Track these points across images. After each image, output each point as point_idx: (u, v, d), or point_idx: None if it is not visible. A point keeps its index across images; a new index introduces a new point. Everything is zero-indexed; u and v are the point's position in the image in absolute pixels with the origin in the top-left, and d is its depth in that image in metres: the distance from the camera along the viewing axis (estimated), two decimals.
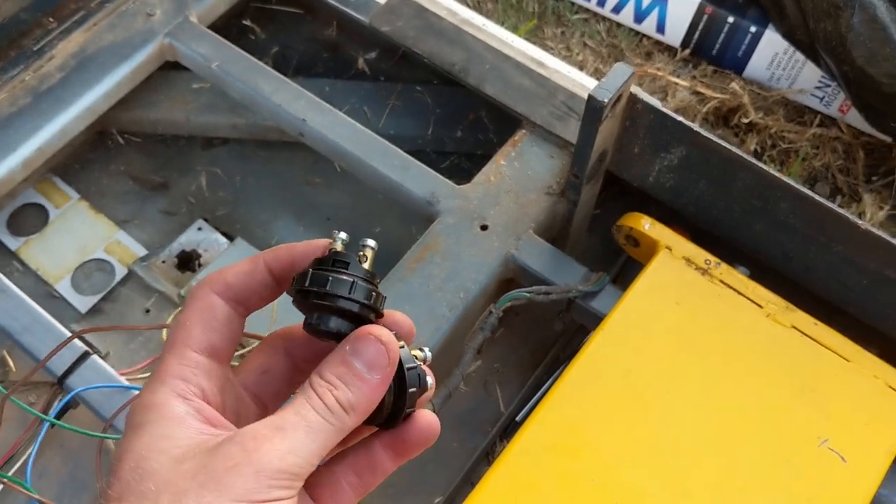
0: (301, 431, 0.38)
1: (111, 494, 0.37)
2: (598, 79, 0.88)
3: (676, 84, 1.29)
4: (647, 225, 0.84)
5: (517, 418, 0.92)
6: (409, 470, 0.87)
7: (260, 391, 0.45)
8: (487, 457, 0.91)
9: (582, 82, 1.00)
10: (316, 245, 0.43)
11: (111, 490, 0.37)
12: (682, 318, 0.78)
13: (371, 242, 0.43)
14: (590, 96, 0.76)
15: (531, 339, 0.97)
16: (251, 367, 0.45)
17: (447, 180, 0.93)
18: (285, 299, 0.44)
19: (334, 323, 0.41)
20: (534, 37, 1.37)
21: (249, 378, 0.45)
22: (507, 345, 0.96)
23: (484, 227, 0.90)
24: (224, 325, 0.43)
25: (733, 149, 0.80)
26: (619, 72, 0.77)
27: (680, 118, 0.81)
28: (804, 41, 1.24)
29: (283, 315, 0.88)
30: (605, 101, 0.76)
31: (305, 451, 0.38)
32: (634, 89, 0.82)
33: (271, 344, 0.46)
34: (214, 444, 0.37)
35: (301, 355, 0.46)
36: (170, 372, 0.40)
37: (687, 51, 1.34)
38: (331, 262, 0.41)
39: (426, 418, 0.43)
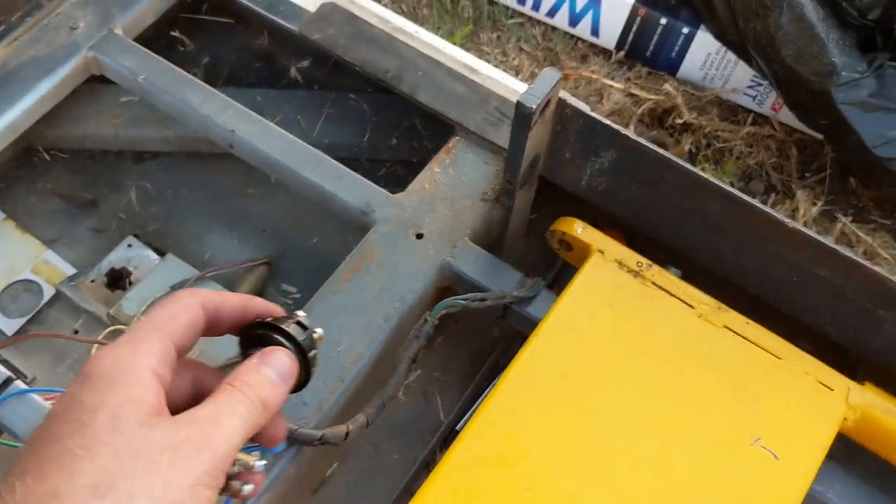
0: (236, 418, 0.45)
1: (79, 442, 0.39)
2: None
3: (611, 86, 1.30)
4: (579, 229, 0.84)
5: (457, 427, 0.91)
6: (349, 482, 0.87)
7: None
8: (428, 467, 0.90)
9: (514, 88, 0.99)
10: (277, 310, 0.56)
11: (78, 438, 0.39)
12: (616, 321, 0.78)
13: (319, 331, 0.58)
14: (518, 102, 0.76)
15: (470, 347, 0.96)
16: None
17: (381, 189, 0.92)
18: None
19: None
20: (469, 42, 1.37)
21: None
22: (446, 353, 0.96)
23: (419, 236, 0.90)
24: (195, 337, 0.50)
25: (662, 151, 0.80)
26: (547, 77, 0.77)
27: (608, 122, 0.81)
28: (735, 41, 1.25)
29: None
30: (534, 107, 0.76)
31: (240, 435, 0.45)
32: (563, 94, 0.82)
33: (185, 365, 0.53)
34: (174, 422, 0.43)
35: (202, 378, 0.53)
36: (152, 348, 0.46)
37: (622, 53, 1.35)
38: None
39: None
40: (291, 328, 0.55)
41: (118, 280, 0.98)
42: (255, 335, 0.55)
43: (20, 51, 1.00)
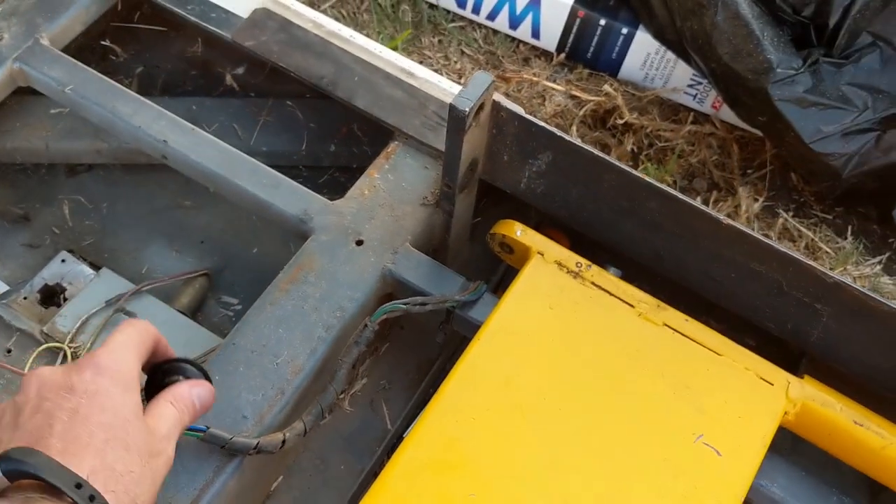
0: (174, 419, 0.63)
1: (104, 423, 0.56)
2: None
3: (553, 89, 1.30)
4: (518, 231, 0.83)
5: (403, 434, 0.90)
6: (295, 497, 0.85)
7: None
8: (376, 476, 0.88)
9: (453, 91, 0.99)
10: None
11: (102, 431, 0.55)
12: (557, 323, 0.78)
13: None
14: (451, 106, 0.75)
15: (417, 354, 0.95)
16: None
17: (319, 196, 0.91)
18: None
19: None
20: (411, 46, 1.36)
21: None
22: (392, 361, 0.95)
23: (359, 243, 0.88)
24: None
25: (597, 152, 0.80)
26: (479, 80, 0.76)
27: (543, 124, 0.81)
28: (674, 40, 1.26)
29: None
30: (467, 110, 0.75)
31: (178, 429, 0.64)
32: (498, 97, 0.81)
33: None
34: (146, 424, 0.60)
35: None
36: (138, 368, 0.62)
37: (562, 55, 1.35)
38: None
39: None
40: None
41: (52, 296, 0.95)
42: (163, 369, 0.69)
43: None
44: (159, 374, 0.68)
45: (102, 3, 1.07)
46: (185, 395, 0.65)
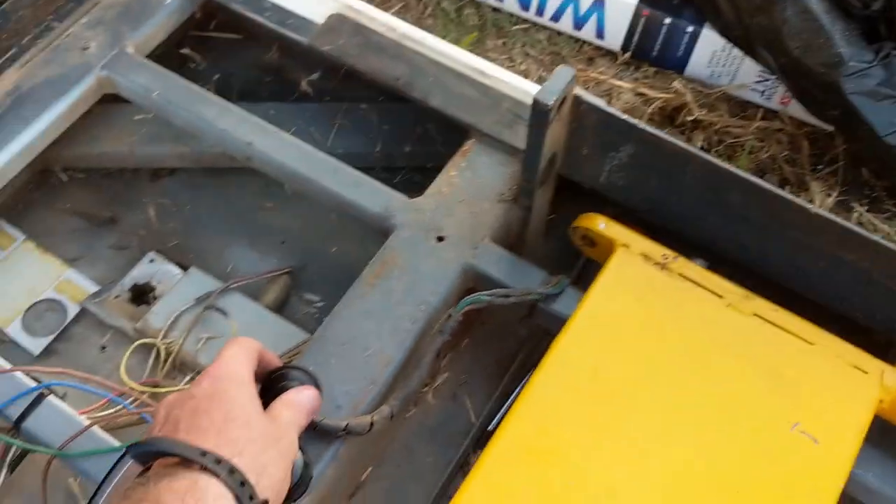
0: (291, 420, 0.66)
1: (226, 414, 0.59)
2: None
3: (620, 87, 1.30)
4: (601, 224, 0.84)
5: (489, 428, 0.91)
6: (386, 488, 0.86)
7: None
8: (462, 469, 0.90)
9: (525, 88, 1.00)
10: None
11: (221, 415, 0.59)
12: (644, 315, 0.78)
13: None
14: (535, 100, 0.77)
15: (497, 349, 0.96)
16: None
17: (400, 194, 0.93)
18: None
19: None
20: (475, 49, 1.37)
21: None
22: (473, 354, 0.96)
23: (440, 239, 0.90)
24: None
25: (680, 143, 0.80)
26: (562, 74, 0.77)
27: (625, 116, 0.81)
28: (740, 37, 1.26)
29: None
30: (550, 103, 0.76)
31: (295, 428, 0.66)
32: (579, 91, 0.82)
33: None
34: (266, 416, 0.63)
35: None
36: (251, 373, 0.65)
37: (627, 54, 1.36)
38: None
39: None
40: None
41: (142, 295, 0.98)
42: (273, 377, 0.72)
43: (33, 73, 1.01)
44: (270, 383, 0.70)
45: (182, 11, 1.10)
46: (298, 399, 0.68)
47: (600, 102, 0.84)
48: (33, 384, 0.76)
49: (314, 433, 0.73)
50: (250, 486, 0.54)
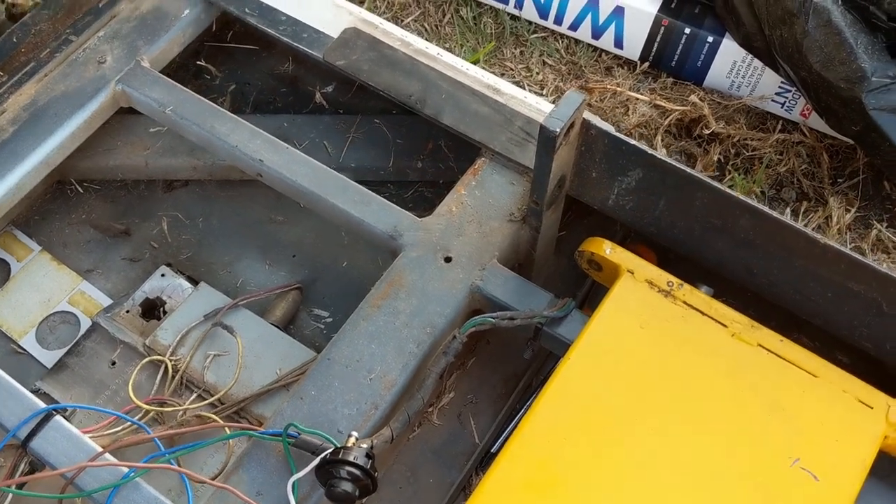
0: None
1: None
2: (559, 97, 0.88)
3: (637, 99, 1.29)
4: (608, 249, 0.83)
5: (492, 450, 0.91)
6: None
7: None
8: (464, 491, 0.90)
9: (539, 107, 0.99)
10: None
11: None
12: (648, 342, 0.78)
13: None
14: (542, 126, 0.76)
15: (503, 369, 0.96)
16: None
17: (409, 213, 0.93)
18: None
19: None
20: (493, 58, 1.37)
21: None
22: (479, 375, 0.96)
23: (448, 259, 0.90)
24: None
25: (688, 169, 0.80)
26: (571, 100, 0.77)
27: (633, 142, 0.81)
28: (761, 48, 1.24)
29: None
30: (558, 130, 0.76)
31: None
32: (588, 115, 0.82)
33: None
34: None
35: None
36: None
37: (646, 64, 1.34)
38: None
39: None
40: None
41: (152, 309, 1.00)
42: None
43: (50, 87, 1.02)
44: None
45: (198, 24, 1.11)
46: None
47: (609, 127, 0.83)
48: (41, 404, 0.77)
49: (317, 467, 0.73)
50: None
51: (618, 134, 0.81)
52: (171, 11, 1.07)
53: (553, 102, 0.91)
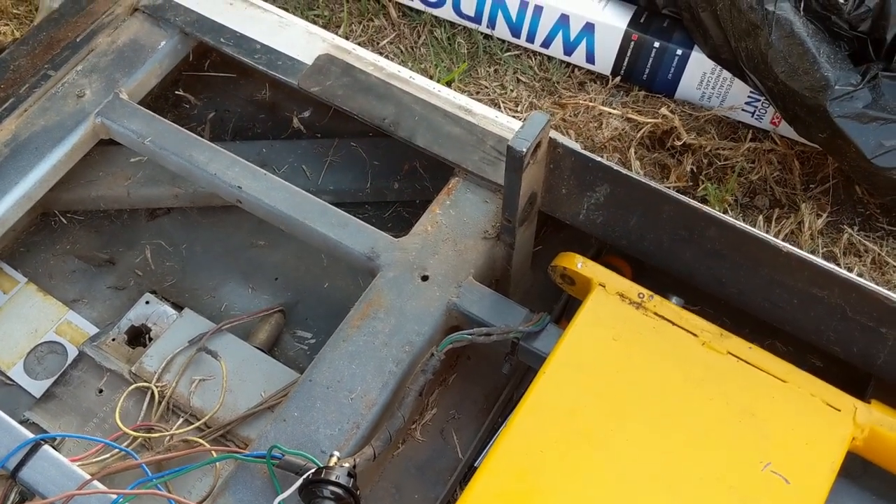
0: None
1: None
2: None
3: (609, 113, 1.31)
4: (579, 264, 0.86)
5: (475, 464, 0.93)
6: None
7: None
8: None
9: (510, 126, 1.02)
10: None
11: None
12: (621, 354, 0.80)
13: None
14: (509, 147, 0.78)
15: (484, 383, 0.98)
16: None
17: (385, 234, 0.95)
18: None
19: None
20: (468, 77, 1.39)
21: None
22: (460, 390, 0.98)
23: (424, 278, 0.92)
24: None
25: (653, 183, 0.82)
26: (535, 120, 0.79)
27: (599, 158, 0.83)
28: (729, 59, 1.27)
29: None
30: (524, 150, 0.78)
31: None
32: (554, 134, 0.84)
33: None
34: None
35: None
36: None
37: (618, 78, 1.37)
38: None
39: None
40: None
41: (138, 337, 1.01)
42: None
43: (30, 121, 1.04)
44: None
45: (175, 54, 1.13)
46: None
47: (575, 145, 0.86)
48: (29, 435, 0.79)
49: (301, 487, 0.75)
50: None
51: (584, 151, 0.84)
52: (147, 44, 1.09)
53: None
